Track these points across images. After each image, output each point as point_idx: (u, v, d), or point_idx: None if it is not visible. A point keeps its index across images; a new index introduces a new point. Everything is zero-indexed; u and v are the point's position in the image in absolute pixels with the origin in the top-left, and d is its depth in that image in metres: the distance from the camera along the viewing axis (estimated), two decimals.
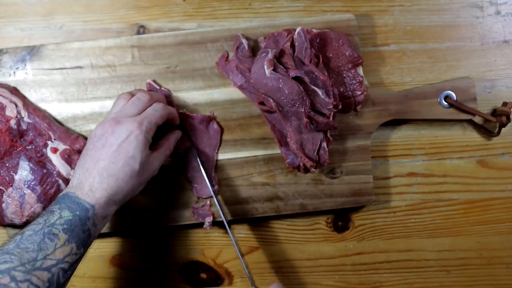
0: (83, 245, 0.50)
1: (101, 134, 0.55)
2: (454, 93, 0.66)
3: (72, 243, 0.49)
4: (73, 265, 0.49)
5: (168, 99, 0.64)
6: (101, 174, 0.53)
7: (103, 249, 0.68)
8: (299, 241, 0.69)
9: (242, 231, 0.69)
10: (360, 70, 0.65)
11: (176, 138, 0.62)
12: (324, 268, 0.69)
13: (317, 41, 0.64)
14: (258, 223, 0.69)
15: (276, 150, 0.66)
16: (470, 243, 0.69)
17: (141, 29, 0.69)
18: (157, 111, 0.57)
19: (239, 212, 0.66)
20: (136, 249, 0.69)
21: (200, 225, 0.65)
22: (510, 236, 0.69)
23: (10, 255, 0.46)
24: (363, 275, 0.69)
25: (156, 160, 0.57)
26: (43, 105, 0.66)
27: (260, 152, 0.66)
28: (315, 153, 0.62)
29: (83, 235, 0.50)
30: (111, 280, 0.69)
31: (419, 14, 0.69)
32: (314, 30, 0.64)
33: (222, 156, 0.66)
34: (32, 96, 0.66)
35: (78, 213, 0.50)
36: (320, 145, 0.62)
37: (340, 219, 0.69)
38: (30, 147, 0.63)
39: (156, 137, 0.58)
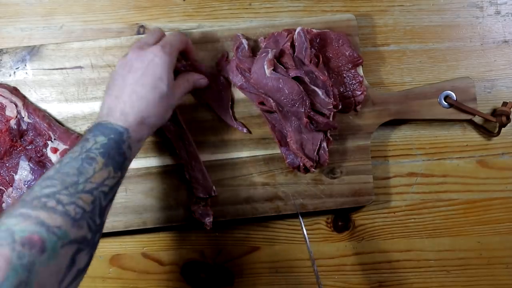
0: (120, 168, 0.50)
1: (124, 63, 0.55)
2: (454, 93, 0.66)
3: (109, 167, 0.48)
4: (113, 189, 0.49)
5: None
6: (131, 98, 0.52)
7: (103, 249, 0.68)
8: (299, 241, 0.69)
9: (242, 231, 0.69)
10: (360, 70, 0.65)
11: (193, 77, 0.62)
12: (324, 268, 0.69)
13: (317, 41, 0.64)
14: (258, 223, 0.69)
15: (276, 150, 0.66)
16: (470, 243, 0.69)
17: (141, 29, 0.69)
18: (176, 36, 0.58)
19: (239, 212, 0.66)
20: (136, 249, 0.69)
21: (200, 225, 0.65)
22: (510, 236, 0.69)
23: (51, 180, 0.45)
24: (363, 275, 0.69)
25: (179, 88, 0.58)
26: (43, 105, 0.66)
27: (260, 152, 0.66)
28: (315, 153, 0.62)
29: (119, 158, 0.50)
30: (111, 280, 0.69)
31: (419, 14, 0.69)
32: (314, 30, 0.64)
33: (222, 156, 0.66)
34: (32, 96, 0.66)
35: (112, 136, 0.50)
36: (320, 145, 0.62)
37: (340, 219, 0.69)
38: (30, 147, 0.63)
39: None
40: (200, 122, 0.66)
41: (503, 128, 0.67)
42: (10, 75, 0.66)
